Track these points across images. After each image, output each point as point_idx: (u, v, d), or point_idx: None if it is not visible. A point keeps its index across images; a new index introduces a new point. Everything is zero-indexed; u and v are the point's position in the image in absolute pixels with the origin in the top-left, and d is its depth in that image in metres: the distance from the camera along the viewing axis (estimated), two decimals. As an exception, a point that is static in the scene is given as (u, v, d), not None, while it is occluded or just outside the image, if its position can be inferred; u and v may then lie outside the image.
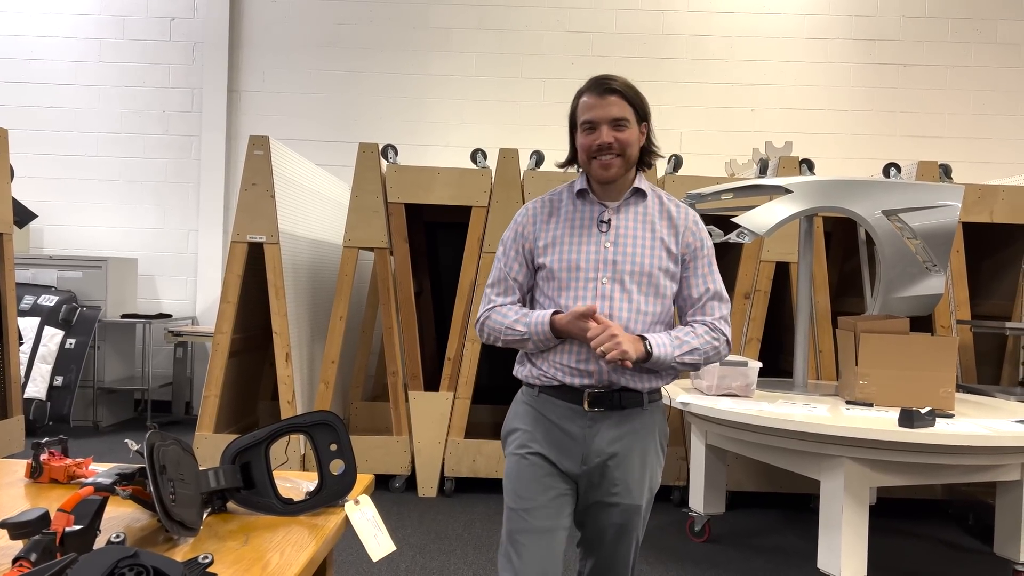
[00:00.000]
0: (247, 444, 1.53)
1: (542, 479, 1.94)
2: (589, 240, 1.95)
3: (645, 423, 1.97)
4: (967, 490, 4.23)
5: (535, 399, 1.99)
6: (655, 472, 2.01)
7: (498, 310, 2.00)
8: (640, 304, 1.92)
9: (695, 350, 1.92)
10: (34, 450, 1.65)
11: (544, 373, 1.96)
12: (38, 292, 5.89)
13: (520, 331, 1.94)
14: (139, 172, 6.73)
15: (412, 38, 6.65)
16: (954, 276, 4.39)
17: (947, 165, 4.48)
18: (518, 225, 2.04)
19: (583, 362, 1.92)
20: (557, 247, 1.96)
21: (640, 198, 2.00)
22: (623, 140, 1.92)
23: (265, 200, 4.41)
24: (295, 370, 4.44)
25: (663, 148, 2.12)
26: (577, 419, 1.93)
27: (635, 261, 1.92)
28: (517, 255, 2.02)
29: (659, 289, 1.94)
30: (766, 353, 4.68)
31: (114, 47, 6.72)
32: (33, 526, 1.13)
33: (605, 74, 1.99)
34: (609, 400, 1.92)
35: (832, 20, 6.61)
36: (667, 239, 1.96)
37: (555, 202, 2.03)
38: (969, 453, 2.82)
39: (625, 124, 1.93)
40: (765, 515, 4.30)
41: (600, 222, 1.96)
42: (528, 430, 1.98)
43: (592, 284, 1.92)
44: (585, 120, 1.93)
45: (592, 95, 1.94)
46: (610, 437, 1.93)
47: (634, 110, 1.94)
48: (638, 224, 1.96)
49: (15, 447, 4.66)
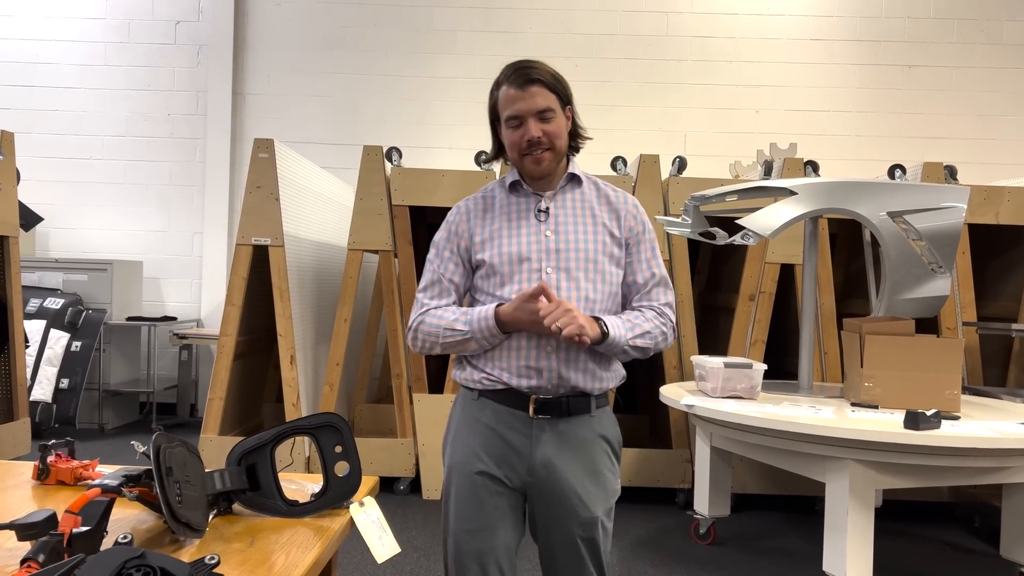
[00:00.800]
0: (253, 446, 1.53)
1: (486, 498, 1.81)
2: (528, 231, 1.84)
3: (594, 430, 1.85)
4: (973, 492, 4.22)
5: (474, 404, 1.85)
6: (609, 480, 1.87)
7: (433, 312, 1.85)
8: (588, 291, 1.81)
9: (647, 333, 1.83)
10: (41, 452, 1.66)
11: (488, 375, 1.82)
12: (44, 295, 5.91)
13: (461, 330, 1.80)
14: (144, 175, 6.75)
15: (416, 41, 6.66)
16: (960, 278, 4.38)
17: (952, 166, 4.47)
18: (451, 224, 1.92)
19: (533, 359, 1.79)
20: (496, 240, 1.85)
21: (575, 184, 1.91)
22: (552, 132, 1.82)
23: (270, 203, 4.42)
24: (300, 372, 4.44)
25: (668, 150, 2.07)
26: (520, 427, 1.81)
27: (579, 247, 1.83)
28: (452, 255, 1.90)
29: (605, 275, 1.84)
30: (771, 355, 4.68)
31: (119, 51, 6.74)
32: (41, 527, 1.14)
33: (523, 61, 1.87)
34: (556, 407, 1.80)
35: (836, 22, 6.60)
36: (609, 223, 1.87)
37: (488, 198, 1.92)
38: (975, 455, 2.81)
39: (551, 114, 1.82)
40: (770, 517, 4.29)
41: (538, 211, 1.86)
42: (467, 442, 1.84)
43: (536, 275, 1.81)
44: (510, 115, 1.82)
45: (512, 87, 1.82)
46: (556, 446, 1.81)
47: (557, 97, 1.84)
48: (577, 210, 1.88)
49: (21, 449, 4.67)
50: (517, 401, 1.81)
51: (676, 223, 3.88)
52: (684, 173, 4.67)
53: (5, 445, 4.55)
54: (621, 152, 5.73)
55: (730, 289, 4.89)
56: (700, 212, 3.81)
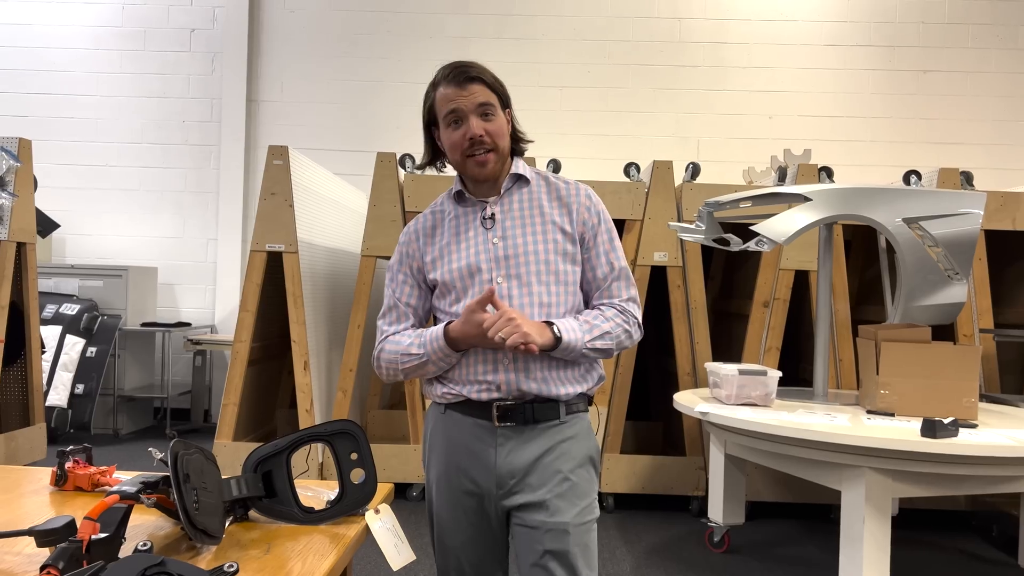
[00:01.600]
0: (269, 453, 1.54)
1: (465, 512, 1.76)
2: (476, 240, 1.77)
3: (565, 437, 1.75)
4: (991, 501, 4.18)
5: (442, 418, 1.80)
6: (584, 488, 1.75)
7: (391, 339, 1.79)
8: (541, 296, 1.73)
9: (606, 334, 1.73)
10: (59, 458, 1.67)
11: (449, 390, 1.76)
12: (60, 301, 5.96)
13: (416, 354, 1.73)
14: (159, 182, 6.80)
15: (430, 48, 6.68)
16: (976, 284, 4.34)
17: (968, 172, 4.44)
18: (401, 247, 1.86)
19: (488, 372, 1.71)
20: (445, 257, 1.78)
21: (522, 184, 1.82)
22: (493, 132, 1.74)
23: (284, 209, 4.44)
24: (313, 378, 4.45)
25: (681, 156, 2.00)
26: (486, 437, 1.73)
27: (527, 251, 1.74)
28: (407, 277, 1.84)
29: (560, 276, 1.74)
30: (786, 362, 4.66)
31: (135, 58, 6.80)
32: (60, 534, 1.14)
33: (459, 61, 1.79)
34: (521, 414, 1.71)
35: (850, 27, 6.58)
36: (559, 219, 1.77)
37: (437, 214, 1.86)
38: (993, 464, 2.78)
39: (492, 112, 1.74)
40: (785, 526, 4.26)
41: (483, 219, 1.78)
42: (441, 457, 1.79)
43: (487, 286, 1.70)
44: (449, 111, 1.74)
45: (450, 86, 1.75)
46: (524, 456, 1.72)
47: (497, 96, 1.76)
48: (524, 211, 1.78)
49: (37, 454, 4.71)
50: (480, 411, 1.74)
51: (690, 229, 3.87)
52: (698, 179, 4.66)
53: (22, 450, 4.58)
54: (634, 158, 5.73)
55: (744, 296, 4.88)
56: (714, 218, 3.80)
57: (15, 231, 4.58)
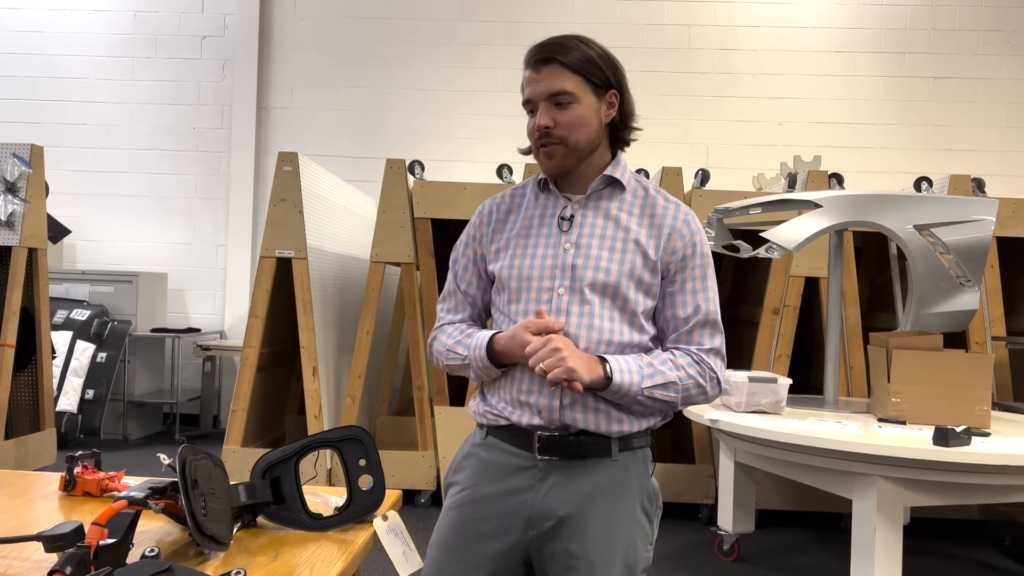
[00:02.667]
0: (277, 459, 1.54)
1: (478, 546, 1.56)
2: (547, 241, 1.57)
3: (616, 479, 1.53)
4: (1004, 510, 4.14)
5: (482, 442, 1.62)
6: (634, 544, 1.53)
7: (444, 329, 1.66)
8: (602, 321, 1.52)
9: (670, 384, 1.50)
10: (68, 463, 1.67)
11: (491, 409, 1.58)
12: (71, 306, 5.98)
13: (460, 354, 1.59)
14: (170, 188, 6.83)
15: (439, 55, 6.70)
16: (988, 292, 4.31)
17: (980, 179, 4.42)
18: (471, 227, 1.70)
19: (531, 393, 1.52)
20: (509, 251, 1.60)
21: (616, 189, 1.60)
22: (564, 123, 1.53)
23: (293, 216, 4.45)
24: (322, 384, 4.46)
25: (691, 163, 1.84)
26: (525, 470, 1.53)
27: (598, 267, 1.52)
28: (468, 264, 1.68)
29: (627, 304, 1.53)
30: (796, 369, 4.63)
31: (146, 65, 6.84)
32: (68, 539, 1.14)
33: (542, 41, 1.60)
34: (564, 446, 1.51)
35: (860, 33, 6.56)
36: (644, 240, 1.55)
37: (516, 198, 1.67)
38: (1006, 473, 2.76)
39: (568, 99, 1.53)
40: (795, 534, 4.23)
41: (561, 219, 1.58)
42: (469, 485, 1.60)
43: (547, 295, 1.54)
44: (525, 100, 1.59)
45: (527, 69, 1.59)
46: (565, 496, 1.51)
47: (584, 79, 1.54)
48: (608, 221, 1.57)
49: (47, 460, 4.72)
50: (521, 440, 1.54)
51: (699, 236, 3.85)
52: (707, 186, 4.65)
53: (32, 455, 4.60)
54: (643, 165, 5.70)
55: (754, 303, 4.85)
56: (724, 225, 3.79)
57: (26, 237, 4.61)
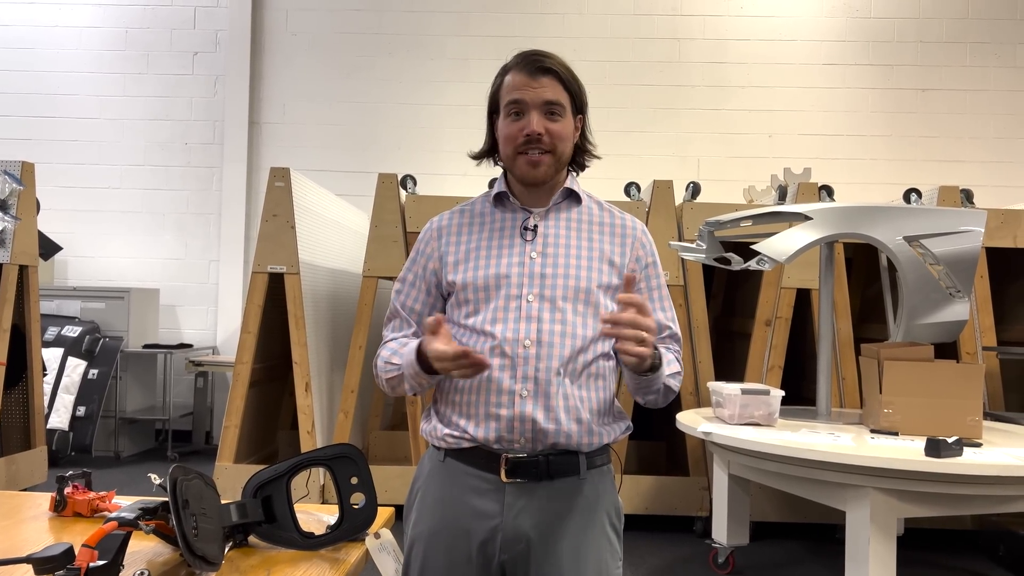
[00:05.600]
0: (269, 477, 1.53)
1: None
2: (511, 251, 1.56)
3: (585, 497, 1.53)
4: (997, 520, 4.15)
5: (439, 468, 1.56)
6: (605, 562, 1.53)
7: (386, 346, 1.63)
8: (575, 326, 1.51)
9: (676, 374, 1.59)
10: (58, 483, 1.66)
11: (452, 431, 1.53)
12: (62, 323, 5.96)
13: (396, 364, 1.55)
14: (162, 204, 6.82)
15: (430, 69, 6.72)
16: (978, 302, 4.34)
17: (969, 190, 4.45)
18: (420, 244, 1.65)
19: (502, 405, 1.49)
20: (471, 261, 1.57)
21: (573, 202, 1.62)
22: (556, 133, 1.53)
23: (286, 231, 4.45)
24: (315, 400, 4.44)
25: (681, 176, 1.81)
26: (492, 493, 1.50)
27: (568, 275, 1.53)
28: (416, 280, 1.63)
29: (598, 308, 1.54)
30: (788, 381, 4.63)
31: (138, 81, 6.84)
32: (58, 561, 1.13)
33: (536, 50, 1.58)
34: (534, 468, 1.49)
35: (849, 46, 6.61)
36: (608, 249, 1.59)
37: (468, 213, 1.65)
38: (999, 483, 2.76)
39: (560, 112, 1.54)
40: (790, 546, 4.23)
41: (524, 229, 1.58)
42: (432, 512, 1.56)
43: (515, 303, 1.51)
44: (512, 100, 1.54)
45: (521, 73, 1.54)
46: (534, 518, 1.50)
47: (570, 97, 1.56)
48: (571, 232, 1.58)
49: (38, 478, 4.68)
50: (487, 462, 1.51)
51: (691, 249, 3.87)
52: (698, 198, 4.67)
53: (22, 473, 4.57)
54: (634, 178, 5.73)
55: (746, 314, 4.87)
56: (715, 238, 3.80)
57: (17, 254, 4.59)
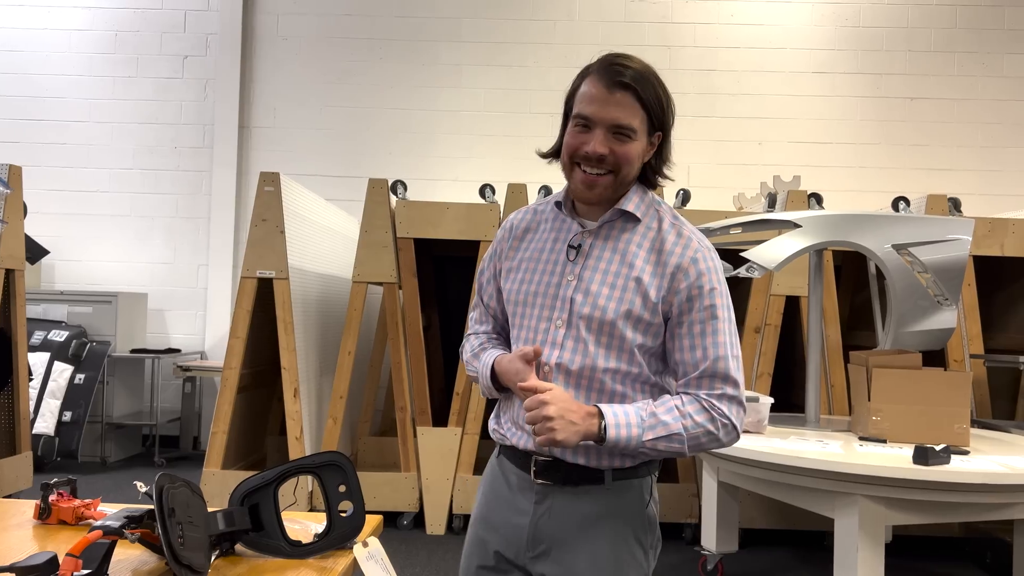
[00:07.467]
0: (256, 485, 1.52)
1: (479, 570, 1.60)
2: (555, 268, 1.51)
3: (608, 507, 1.49)
4: (985, 528, 4.16)
5: (493, 463, 1.63)
6: (624, 574, 1.50)
7: (469, 339, 1.68)
8: (597, 360, 1.45)
9: (674, 435, 1.41)
10: (43, 491, 1.64)
11: (499, 428, 1.59)
12: (48, 327, 5.91)
13: (474, 368, 1.60)
14: (150, 208, 6.79)
15: (422, 75, 6.72)
16: (966, 310, 4.36)
17: (956, 198, 4.48)
18: (496, 242, 1.66)
19: (522, 418, 1.49)
20: (519, 272, 1.56)
21: (628, 221, 1.51)
22: (621, 155, 1.44)
23: (275, 236, 4.43)
24: (303, 405, 4.42)
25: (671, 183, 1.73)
26: (526, 491, 1.53)
27: (595, 304, 1.45)
28: (491, 277, 1.65)
29: (624, 343, 1.45)
30: (777, 388, 4.65)
31: (127, 85, 6.81)
32: (42, 570, 1.13)
33: (622, 56, 1.47)
34: (558, 471, 1.48)
35: (838, 55, 6.65)
36: (646, 279, 1.46)
37: (538, 213, 1.61)
38: (986, 491, 2.77)
39: (629, 134, 1.44)
40: (779, 553, 4.23)
41: (570, 247, 1.51)
42: (480, 505, 1.63)
43: (544, 324, 1.49)
44: (579, 114, 1.46)
45: (598, 83, 1.45)
46: (557, 522, 1.49)
47: (648, 116, 1.45)
48: (615, 256, 1.48)
49: (23, 484, 4.64)
50: (522, 461, 1.54)
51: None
52: (688, 206, 4.68)
53: (7, 479, 4.52)
54: (625, 184, 5.74)
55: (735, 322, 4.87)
56: (705, 245, 3.80)
57: (4, 258, 4.56)
